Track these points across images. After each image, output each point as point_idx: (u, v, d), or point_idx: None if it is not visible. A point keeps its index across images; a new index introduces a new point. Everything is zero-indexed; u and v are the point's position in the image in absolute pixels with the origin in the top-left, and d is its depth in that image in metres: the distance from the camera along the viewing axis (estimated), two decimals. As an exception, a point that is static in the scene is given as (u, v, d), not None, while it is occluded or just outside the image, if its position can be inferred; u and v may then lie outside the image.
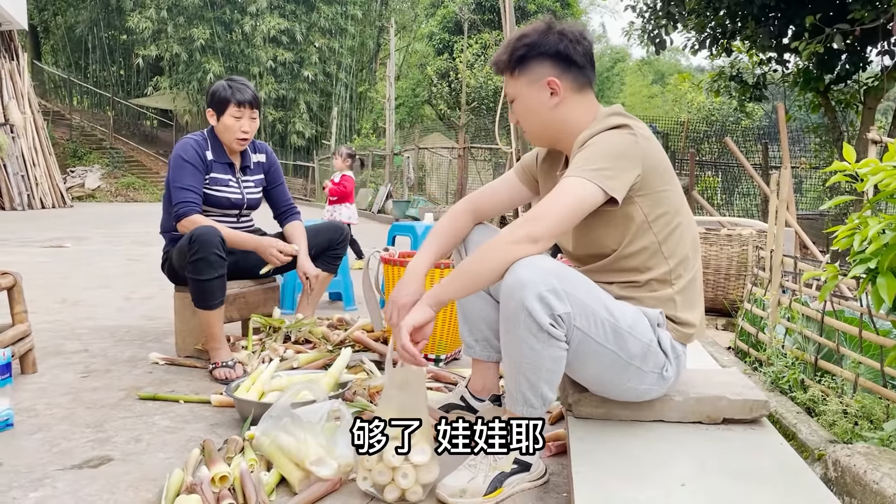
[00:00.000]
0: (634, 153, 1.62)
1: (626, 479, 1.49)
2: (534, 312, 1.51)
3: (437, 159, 17.63)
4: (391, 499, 1.63)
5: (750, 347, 2.92)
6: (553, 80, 1.72)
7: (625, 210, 1.67)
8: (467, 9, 19.49)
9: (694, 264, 1.76)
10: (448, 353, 2.89)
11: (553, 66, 1.72)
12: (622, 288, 1.75)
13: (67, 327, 3.54)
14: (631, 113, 1.83)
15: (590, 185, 1.57)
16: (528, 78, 1.74)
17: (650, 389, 1.71)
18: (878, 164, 1.62)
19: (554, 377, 1.61)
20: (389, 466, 1.62)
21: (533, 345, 1.55)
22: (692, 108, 15.63)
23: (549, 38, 1.72)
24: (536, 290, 1.51)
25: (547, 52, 1.72)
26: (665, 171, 1.70)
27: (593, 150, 1.62)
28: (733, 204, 11.43)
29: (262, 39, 24.43)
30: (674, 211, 1.71)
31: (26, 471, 1.79)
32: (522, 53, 1.73)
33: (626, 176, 1.61)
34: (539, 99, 1.75)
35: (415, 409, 1.65)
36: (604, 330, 1.59)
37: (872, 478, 1.48)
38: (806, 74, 6.77)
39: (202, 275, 2.57)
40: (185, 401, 2.36)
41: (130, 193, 22.38)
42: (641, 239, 1.70)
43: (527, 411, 1.63)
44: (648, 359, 1.64)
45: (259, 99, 2.93)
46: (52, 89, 28.00)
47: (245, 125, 2.87)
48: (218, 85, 2.89)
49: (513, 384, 1.63)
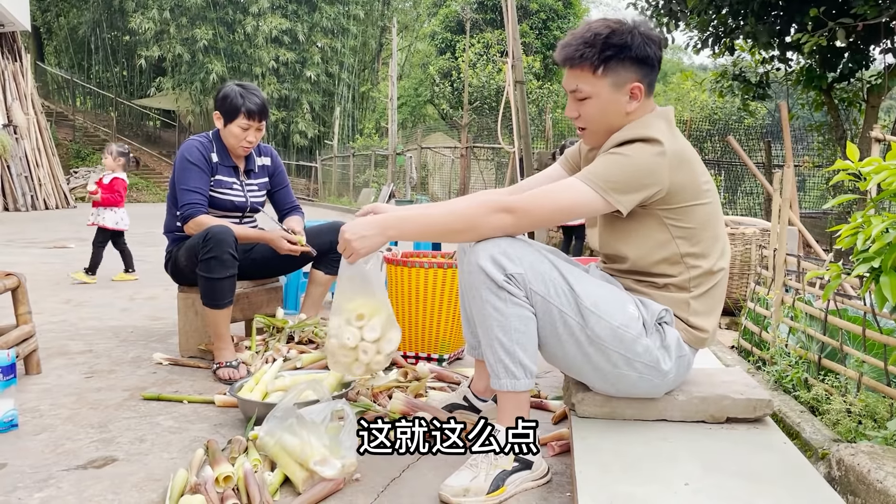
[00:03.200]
0: (655, 173, 1.62)
1: (629, 478, 1.49)
2: (487, 271, 1.59)
3: (440, 159, 17.64)
4: (359, 373, 1.98)
5: (753, 346, 2.92)
6: (638, 86, 1.70)
7: (649, 221, 1.69)
8: (469, 8, 19.49)
9: (718, 276, 1.76)
10: (451, 353, 2.89)
11: (637, 71, 1.70)
12: (639, 284, 1.77)
13: (72, 328, 3.55)
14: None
15: (590, 193, 1.60)
16: (614, 80, 1.70)
17: (644, 379, 1.69)
18: (881, 163, 1.62)
19: (526, 342, 1.63)
20: (347, 347, 1.93)
21: (495, 304, 1.60)
22: (695, 106, 15.61)
23: (635, 40, 1.67)
24: (488, 252, 1.61)
25: (636, 57, 1.68)
26: (695, 188, 1.68)
27: (614, 161, 1.64)
28: (736, 203, 11.41)
29: (265, 40, 24.45)
30: (702, 226, 1.70)
31: (31, 471, 1.80)
32: (611, 55, 1.68)
33: (639, 193, 1.62)
34: (619, 102, 1.72)
35: (367, 293, 1.92)
36: (567, 299, 1.62)
37: (876, 477, 1.48)
38: (809, 72, 6.75)
39: (214, 273, 2.58)
40: (188, 401, 2.37)
41: (133, 194, 22.38)
42: (664, 250, 1.71)
43: (511, 384, 1.64)
44: (624, 345, 1.64)
45: (268, 108, 2.93)
46: (56, 90, 28.08)
47: (251, 136, 2.89)
48: (229, 90, 2.87)
49: (491, 355, 1.65)
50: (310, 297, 3.18)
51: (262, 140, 3.03)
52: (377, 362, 1.98)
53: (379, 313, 1.95)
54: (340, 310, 1.94)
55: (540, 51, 20.35)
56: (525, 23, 19.70)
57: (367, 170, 20.39)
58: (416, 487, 1.75)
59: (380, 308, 1.95)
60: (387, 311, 1.97)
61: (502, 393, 1.68)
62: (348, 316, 1.93)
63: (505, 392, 1.66)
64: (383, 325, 1.95)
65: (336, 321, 1.94)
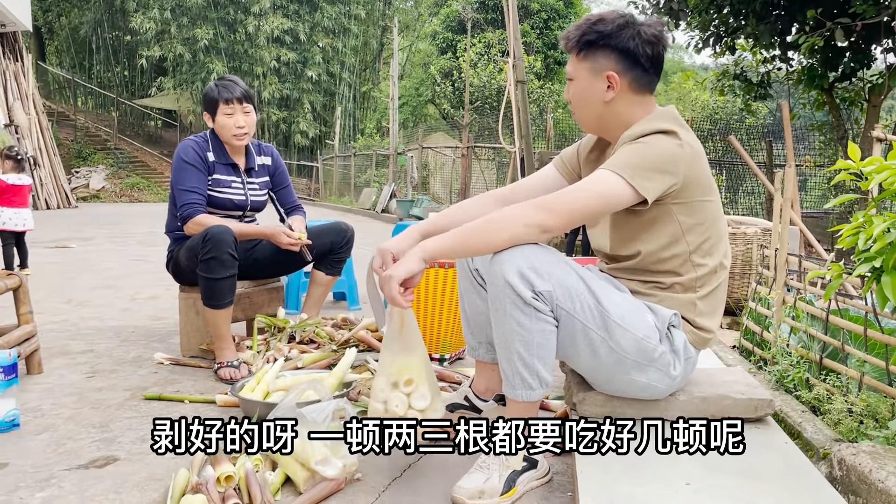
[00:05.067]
0: (677, 161, 1.62)
1: (630, 477, 1.49)
2: (515, 287, 1.54)
3: (441, 159, 17.61)
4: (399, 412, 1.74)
5: (755, 346, 2.91)
6: (612, 75, 1.70)
7: (661, 216, 1.68)
8: (470, 8, 19.47)
9: (721, 275, 1.76)
10: (452, 353, 2.89)
11: (618, 62, 1.70)
12: (644, 286, 1.75)
13: (73, 328, 3.55)
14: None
15: (620, 183, 1.58)
16: (591, 65, 1.73)
17: (653, 385, 1.69)
18: (882, 163, 1.62)
19: (546, 354, 1.61)
20: (394, 416, 1.70)
21: (520, 319, 1.57)
22: (696, 106, 15.59)
23: (623, 32, 1.69)
24: (516, 266, 1.55)
25: (616, 46, 1.69)
26: (705, 183, 1.69)
27: (635, 149, 1.62)
28: (738, 202, 11.40)
29: (266, 39, 24.44)
30: (710, 222, 1.71)
31: (33, 471, 1.80)
32: (592, 39, 1.71)
33: (663, 180, 1.61)
34: (595, 88, 1.73)
35: (413, 347, 1.74)
36: (591, 314, 1.60)
37: (878, 476, 1.48)
38: (810, 72, 6.74)
39: (213, 273, 2.59)
40: (190, 401, 2.37)
41: (135, 194, 22.43)
42: (674, 246, 1.70)
43: (526, 395, 1.63)
44: (645, 354, 1.64)
45: (250, 93, 2.93)
46: (57, 90, 28.10)
47: (239, 120, 2.88)
48: (207, 87, 2.93)
49: (508, 366, 1.63)
50: (311, 297, 3.18)
51: (262, 140, 3.02)
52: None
53: (425, 377, 1.78)
54: (387, 371, 1.76)
55: (541, 50, 20.35)
56: (526, 22, 19.70)
57: (369, 169, 20.38)
58: (417, 487, 1.75)
59: (424, 368, 1.78)
60: (431, 372, 1.80)
61: (515, 401, 1.67)
62: (396, 379, 1.75)
63: (518, 401, 1.66)
64: (432, 393, 1.78)
65: (382, 383, 1.76)
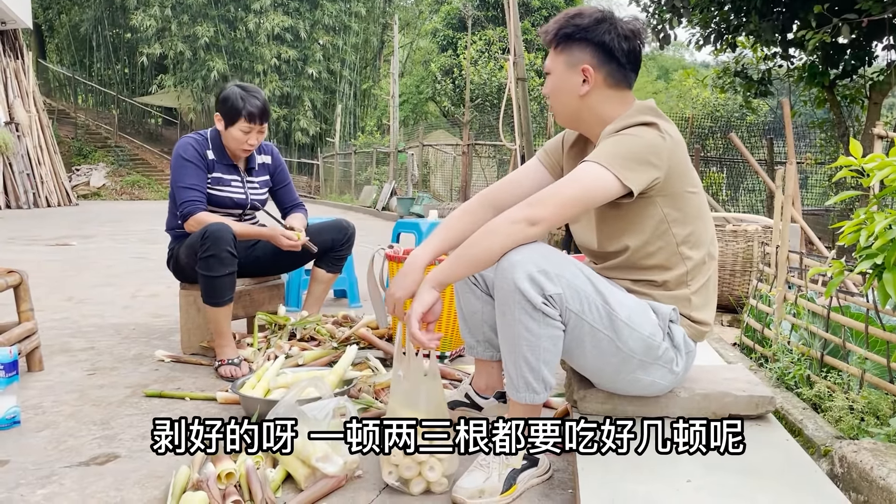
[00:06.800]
0: (660, 153, 1.62)
1: (631, 474, 1.49)
2: (526, 292, 1.52)
3: (441, 156, 17.61)
4: (417, 491, 1.67)
5: (755, 343, 2.91)
6: (588, 69, 1.70)
7: (645, 209, 1.67)
8: (471, 5, 19.44)
9: (710, 266, 1.76)
10: (453, 350, 2.89)
11: (593, 55, 1.71)
12: (638, 285, 1.75)
13: (74, 325, 3.55)
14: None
15: (606, 174, 1.57)
16: (567, 58, 1.73)
17: (656, 382, 1.70)
18: (884, 159, 1.61)
19: (552, 358, 1.61)
20: (416, 461, 1.65)
21: (529, 325, 1.55)
22: (697, 103, 15.59)
23: (600, 26, 1.70)
24: (526, 270, 1.53)
25: (591, 40, 1.70)
26: (688, 174, 1.69)
27: (619, 140, 1.62)
28: (738, 200, 11.40)
29: (266, 37, 24.42)
30: (694, 213, 1.70)
31: (34, 468, 1.80)
32: (568, 32, 1.72)
33: (648, 172, 1.60)
34: (570, 81, 1.73)
35: (431, 401, 1.68)
36: (599, 315, 1.59)
37: (879, 473, 1.48)
38: (811, 69, 6.73)
39: (212, 271, 2.58)
40: (191, 398, 2.37)
41: (135, 191, 22.43)
42: (660, 239, 1.69)
43: (530, 398, 1.62)
44: (651, 352, 1.64)
45: (269, 110, 2.89)
46: (57, 88, 28.07)
47: (252, 139, 2.86)
48: (230, 92, 2.83)
49: (513, 370, 1.62)
50: (311, 295, 3.18)
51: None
52: (440, 484, 1.70)
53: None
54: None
55: (542, 48, 20.33)
56: (527, 20, 19.67)
57: (369, 167, 20.37)
58: (418, 484, 1.74)
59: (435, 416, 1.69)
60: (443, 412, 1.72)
61: (517, 403, 1.66)
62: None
63: (521, 403, 1.65)
64: (445, 467, 1.70)
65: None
